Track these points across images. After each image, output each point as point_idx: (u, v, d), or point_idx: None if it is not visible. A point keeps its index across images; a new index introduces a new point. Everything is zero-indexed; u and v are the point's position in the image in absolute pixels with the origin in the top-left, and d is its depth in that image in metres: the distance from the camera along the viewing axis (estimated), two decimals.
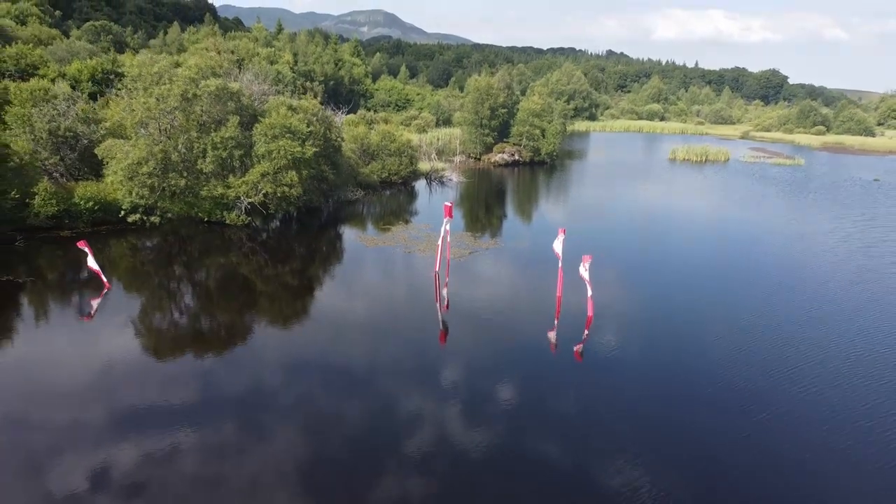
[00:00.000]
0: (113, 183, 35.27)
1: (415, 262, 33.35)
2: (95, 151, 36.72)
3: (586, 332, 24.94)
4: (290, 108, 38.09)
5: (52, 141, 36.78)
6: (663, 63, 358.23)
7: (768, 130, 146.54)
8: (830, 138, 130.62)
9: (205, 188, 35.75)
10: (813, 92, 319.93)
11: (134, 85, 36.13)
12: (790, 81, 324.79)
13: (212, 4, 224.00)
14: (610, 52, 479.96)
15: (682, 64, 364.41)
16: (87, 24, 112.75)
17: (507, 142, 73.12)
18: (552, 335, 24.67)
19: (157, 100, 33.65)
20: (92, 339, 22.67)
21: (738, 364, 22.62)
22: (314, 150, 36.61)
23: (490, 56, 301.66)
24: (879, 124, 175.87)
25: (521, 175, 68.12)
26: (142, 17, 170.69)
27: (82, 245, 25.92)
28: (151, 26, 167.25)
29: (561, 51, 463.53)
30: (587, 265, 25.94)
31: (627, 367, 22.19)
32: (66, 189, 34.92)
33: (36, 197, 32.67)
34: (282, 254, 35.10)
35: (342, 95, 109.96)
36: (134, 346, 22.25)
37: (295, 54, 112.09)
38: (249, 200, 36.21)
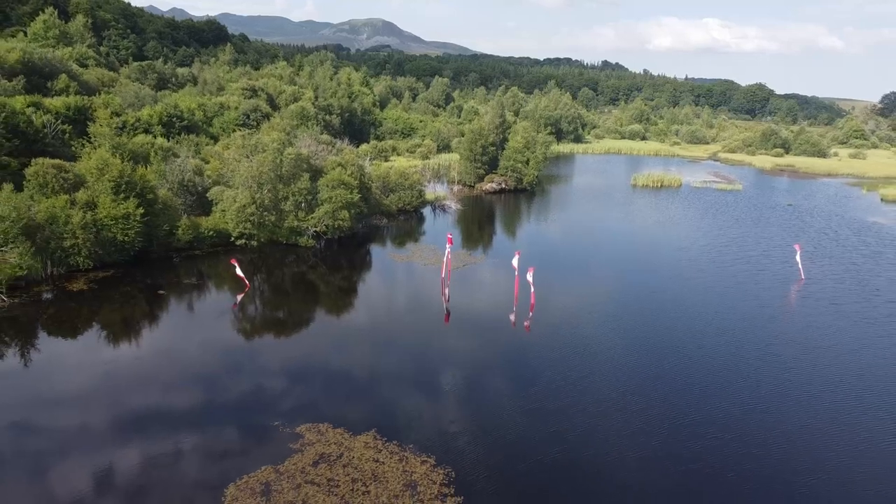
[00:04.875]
0: (223, 217, 52.56)
1: (426, 271, 50.67)
2: (208, 195, 54.07)
3: (531, 313, 42.25)
4: (340, 164, 55.52)
5: (180, 188, 54.06)
6: (656, 76, 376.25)
7: (734, 152, 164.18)
8: (785, 160, 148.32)
9: (285, 221, 53.15)
10: (805, 102, 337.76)
11: (239, 152, 53.60)
12: (781, 92, 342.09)
13: (223, 26, 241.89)
14: (605, 63, 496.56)
15: (673, 77, 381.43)
16: (135, 64, 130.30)
17: (496, 173, 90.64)
18: (511, 316, 41.93)
19: (258, 164, 51.05)
20: (242, 317, 39.98)
21: (615, 314, 40.05)
22: (358, 195, 54.12)
23: (487, 69, 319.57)
24: (842, 143, 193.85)
25: (506, 201, 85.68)
26: (162, 42, 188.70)
27: (233, 261, 43.26)
28: (171, 50, 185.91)
29: (557, 61, 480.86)
30: (532, 273, 43.20)
31: (555, 332, 39.60)
32: (193, 222, 52.19)
33: (179, 228, 49.95)
34: (338, 265, 52.51)
35: (356, 126, 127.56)
36: (263, 321, 39.76)
37: (315, 89, 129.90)
38: (314, 229, 53.63)
